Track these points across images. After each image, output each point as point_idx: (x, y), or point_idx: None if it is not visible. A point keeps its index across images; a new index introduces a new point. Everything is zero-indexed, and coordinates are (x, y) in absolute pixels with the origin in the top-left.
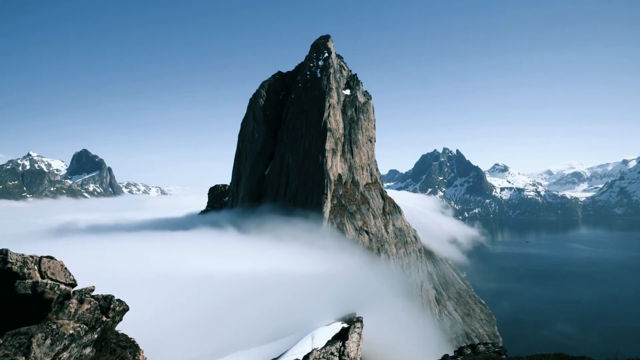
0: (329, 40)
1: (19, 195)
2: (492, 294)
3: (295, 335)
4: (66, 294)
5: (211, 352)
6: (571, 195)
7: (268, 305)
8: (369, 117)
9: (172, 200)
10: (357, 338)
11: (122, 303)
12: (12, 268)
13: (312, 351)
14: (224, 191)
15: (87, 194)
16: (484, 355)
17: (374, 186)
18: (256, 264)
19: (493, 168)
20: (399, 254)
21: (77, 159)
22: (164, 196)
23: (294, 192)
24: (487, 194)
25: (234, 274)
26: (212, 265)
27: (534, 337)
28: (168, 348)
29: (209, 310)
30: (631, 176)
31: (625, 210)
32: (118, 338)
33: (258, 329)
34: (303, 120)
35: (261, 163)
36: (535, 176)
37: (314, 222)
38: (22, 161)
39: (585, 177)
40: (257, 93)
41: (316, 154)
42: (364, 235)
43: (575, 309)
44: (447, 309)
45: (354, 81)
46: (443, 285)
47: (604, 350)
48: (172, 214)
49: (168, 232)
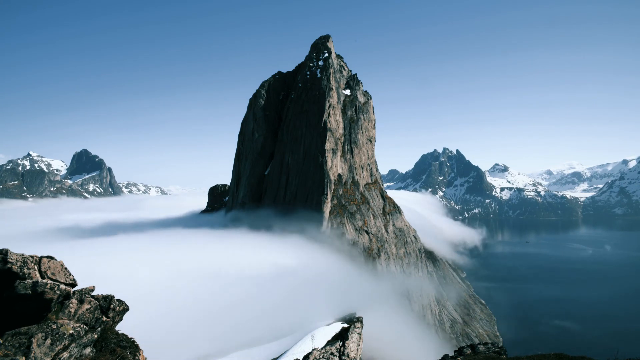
0: (329, 40)
1: (19, 195)
2: (492, 294)
3: (295, 335)
4: (66, 294)
5: (211, 352)
6: (571, 195)
7: (268, 305)
8: (369, 117)
9: (172, 200)
10: (357, 338)
11: (122, 303)
12: (12, 268)
13: (312, 351)
14: (224, 191)
15: (87, 194)
16: (484, 355)
17: (374, 186)
18: (256, 264)
19: (493, 168)
20: (399, 254)
21: (77, 159)
22: (164, 196)
23: (294, 192)
24: (487, 194)
25: (233, 274)
26: (211, 266)
27: (534, 337)
28: (168, 348)
29: (209, 310)
30: (631, 176)
31: (626, 210)
32: (118, 338)
33: (258, 329)
34: (303, 120)
35: (261, 163)
36: (535, 176)
37: (314, 222)
38: (22, 161)
39: (585, 177)
40: (257, 93)
41: (316, 154)
42: (364, 235)
43: (575, 309)
44: (447, 309)
45: (354, 81)
46: (443, 285)
47: (604, 350)
48: (172, 214)
49: (167, 233)
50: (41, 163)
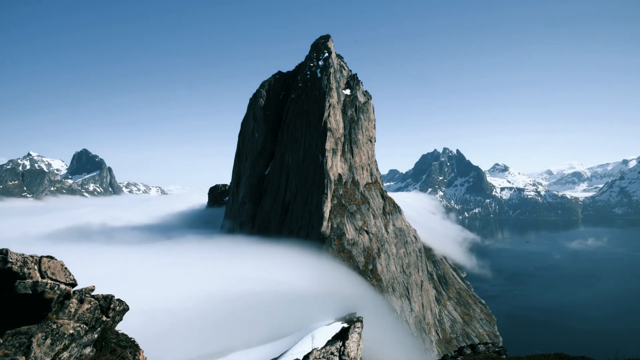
0: (329, 40)
1: (19, 195)
2: (492, 294)
3: (295, 335)
4: (66, 294)
5: (211, 352)
6: (571, 195)
7: (268, 306)
8: (369, 117)
9: (172, 200)
10: (357, 338)
11: (122, 303)
12: (12, 268)
13: (312, 351)
14: (224, 191)
15: (87, 193)
16: (484, 355)
17: (374, 186)
18: (256, 264)
19: (493, 168)
20: (399, 253)
21: (77, 158)
22: (164, 196)
23: (294, 192)
24: (487, 193)
25: (233, 274)
26: (211, 265)
27: (534, 337)
28: (168, 348)
29: (209, 311)
30: (631, 176)
31: (626, 210)
32: (118, 338)
33: (258, 329)
34: (303, 120)
35: (261, 163)
36: (535, 176)
37: (314, 222)
38: (22, 161)
39: (586, 177)
40: (257, 93)
41: (316, 153)
42: (364, 235)
43: (575, 309)
44: (447, 309)
45: (354, 81)
46: (443, 285)
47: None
48: (173, 214)
49: (167, 233)
50: (41, 163)
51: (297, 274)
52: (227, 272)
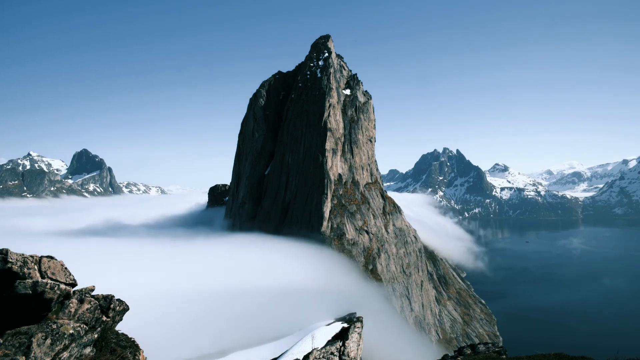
0: (329, 40)
1: (19, 195)
2: (492, 294)
3: (295, 335)
4: (66, 294)
5: (211, 352)
6: (571, 195)
7: (268, 306)
8: (369, 117)
9: (172, 200)
10: (357, 338)
11: (122, 303)
12: (12, 268)
13: (312, 351)
14: (224, 191)
15: (87, 193)
16: (484, 355)
17: (374, 186)
18: (256, 264)
19: (493, 168)
20: (399, 253)
21: (77, 158)
22: (164, 196)
23: (294, 192)
24: (487, 193)
25: (233, 274)
26: (211, 265)
27: (534, 337)
28: (168, 348)
29: (209, 311)
30: (631, 176)
31: (626, 210)
32: (118, 338)
33: (258, 329)
34: (303, 120)
35: (261, 163)
36: (535, 176)
37: (314, 222)
38: (22, 161)
39: (586, 177)
40: (258, 93)
41: (316, 153)
42: (364, 235)
43: (575, 309)
44: (447, 309)
45: (354, 81)
46: (443, 285)
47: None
48: (173, 214)
49: (166, 233)
50: (41, 163)
51: (297, 274)
52: (227, 272)
